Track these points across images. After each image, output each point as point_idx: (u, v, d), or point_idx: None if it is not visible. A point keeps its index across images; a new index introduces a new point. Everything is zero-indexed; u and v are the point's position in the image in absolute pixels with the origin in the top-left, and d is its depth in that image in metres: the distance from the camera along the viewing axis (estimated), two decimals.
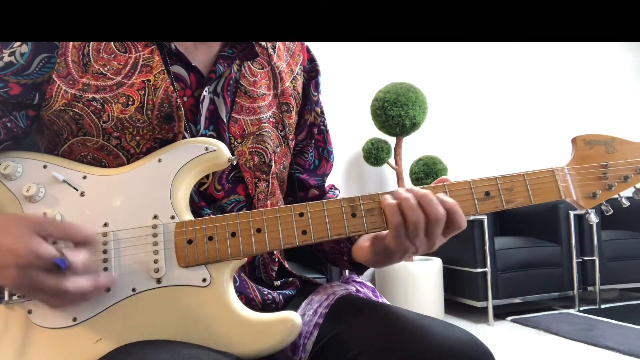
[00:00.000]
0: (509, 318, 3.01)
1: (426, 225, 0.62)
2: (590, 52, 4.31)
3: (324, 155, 0.90)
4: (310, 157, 0.88)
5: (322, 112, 0.89)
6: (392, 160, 3.24)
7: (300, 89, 0.84)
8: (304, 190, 0.88)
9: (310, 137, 0.88)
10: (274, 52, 0.81)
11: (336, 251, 0.82)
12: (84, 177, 0.66)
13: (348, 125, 3.38)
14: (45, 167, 0.66)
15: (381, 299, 0.79)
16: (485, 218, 2.89)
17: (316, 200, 0.66)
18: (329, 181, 0.93)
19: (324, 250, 0.85)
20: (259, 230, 0.64)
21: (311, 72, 0.87)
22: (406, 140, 3.27)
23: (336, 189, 0.93)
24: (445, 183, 0.67)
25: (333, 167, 0.92)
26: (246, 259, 0.66)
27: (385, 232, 0.66)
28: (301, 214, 0.65)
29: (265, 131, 0.76)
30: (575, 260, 3.11)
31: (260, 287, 0.75)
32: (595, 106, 4.27)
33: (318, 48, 0.90)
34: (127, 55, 0.69)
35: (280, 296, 0.77)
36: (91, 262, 0.59)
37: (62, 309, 0.60)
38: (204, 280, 0.62)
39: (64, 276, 0.55)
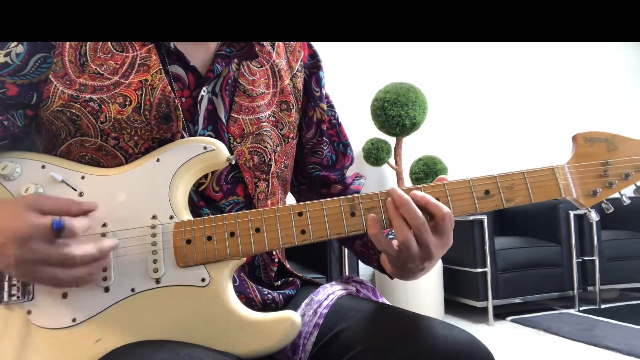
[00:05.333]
0: (509, 318, 3.01)
1: (416, 238, 0.63)
2: (590, 51, 4.31)
3: (340, 149, 0.89)
4: (327, 153, 0.87)
5: (331, 106, 0.88)
6: (392, 160, 3.24)
7: (300, 86, 0.83)
8: (326, 186, 0.88)
9: (320, 134, 0.86)
10: (273, 49, 0.80)
11: (366, 255, 0.83)
12: (83, 177, 0.66)
13: (348, 125, 3.34)
14: (43, 167, 0.66)
15: (381, 299, 0.79)
16: (485, 218, 2.89)
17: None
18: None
19: (355, 251, 0.86)
20: (257, 230, 0.64)
21: (312, 67, 0.85)
22: (406, 140, 3.27)
23: (361, 176, 0.92)
24: (444, 182, 0.66)
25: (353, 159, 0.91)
26: (245, 258, 0.66)
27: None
28: (300, 214, 0.64)
29: (265, 130, 0.76)
30: (575, 260, 3.11)
31: (260, 287, 0.75)
32: (595, 105, 4.27)
33: (318, 48, 0.90)
34: (124, 54, 0.68)
35: (280, 296, 0.76)
36: (92, 228, 0.60)
37: (69, 288, 0.60)
38: (203, 280, 0.62)
39: (66, 243, 0.56)
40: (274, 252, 0.78)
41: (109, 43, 0.68)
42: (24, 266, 0.54)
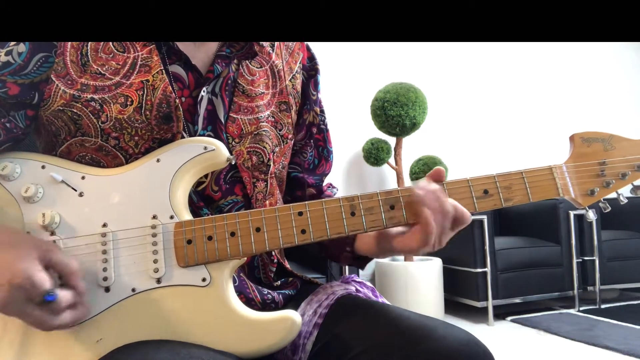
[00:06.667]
0: (509, 318, 3.01)
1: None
2: (590, 51, 4.31)
3: (324, 154, 0.90)
4: (309, 156, 0.88)
5: (322, 111, 0.89)
6: (392, 160, 3.24)
7: (299, 87, 0.84)
8: (301, 189, 0.88)
9: (309, 137, 0.87)
10: (273, 50, 0.81)
11: (339, 242, 0.81)
12: (83, 178, 0.66)
13: (348, 125, 3.38)
14: (43, 167, 0.66)
15: (381, 299, 0.79)
16: (485, 218, 2.89)
17: (314, 199, 0.66)
18: (328, 180, 0.93)
19: (325, 245, 0.84)
20: (258, 230, 0.64)
21: (310, 70, 0.86)
22: (406, 140, 3.26)
23: (334, 187, 0.93)
24: (444, 182, 0.67)
25: (332, 166, 0.92)
26: (245, 258, 0.66)
27: (392, 231, 0.68)
28: (300, 213, 0.64)
29: (264, 130, 0.76)
30: (575, 260, 3.11)
31: (260, 287, 0.75)
32: (595, 105, 4.27)
33: (318, 48, 0.90)
34: (125, 55, 0.69)
35: (280, 296, 0.76)
36: (87, 267, 0.60)
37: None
38: (204, 280, 0.62)
39: (48, 309, 0.55)
40: (273, 253, 0.78)
41: (111, 43, 0.68)
42: (5, 307, 0.55)
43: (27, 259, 0.54)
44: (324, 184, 0.92)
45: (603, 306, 3.15)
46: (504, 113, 3.99)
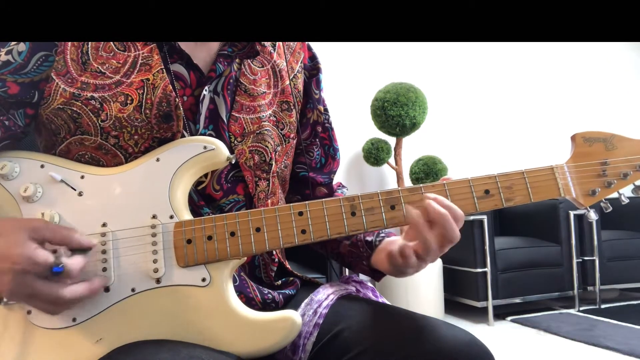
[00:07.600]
0: (509, 318, 3.01)
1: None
2: (591, 51, 4.31)
3: (330, 153, 0.90)
4: (316, 155, 0.88)
5: (326, 110, 0.89)
6: (392, 160, 3.24)
7: (301, 87, 0.84)
8: (310, 188, 0.88)
9: (315, 136, 0.87)
10: (274, 50, 0.81)
11: (354, 255, 0.81)
12: (82, 177, 0.66)
13: (348, 125, 3.37)
14: (42, 166, 0.66)
15: (381, 299, 0.79)
16: (485, 218, 2.89)
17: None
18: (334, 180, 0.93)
19: (340, 254, 0.84)
20: (258, 230, 0.64)
21: (312, 70, 0.86)
22: (406, 140, 3.27)
23: (344, 186, 0.93)
24: (444, 182, 0.67)
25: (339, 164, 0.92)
26: (245, 258, 0.66)
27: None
28: (300, 213, 0.64)
29: (266, 130, 0.76)
30: (575, 260, 3.11)
31: (260, 287, 0.75)
32: (595, 105, 4.27)
33: (318, 48, 0.90)
34: (126, 53, 0.69)
35: (280, 296, 0.76)
36: (87, 267, 0.59)
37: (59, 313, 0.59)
38: (204, 279, 0.62)
39: (59, 283, 0.55)
40: (274, 252, 0.78)
41: (111, 42, 0.68)
42: (15, 296, 0.55)
43: (20, 243, 0.54)
44: (334, 182, 0.92)
45: (603, 306, 3.15)
46: (505, 113, 3.99)
